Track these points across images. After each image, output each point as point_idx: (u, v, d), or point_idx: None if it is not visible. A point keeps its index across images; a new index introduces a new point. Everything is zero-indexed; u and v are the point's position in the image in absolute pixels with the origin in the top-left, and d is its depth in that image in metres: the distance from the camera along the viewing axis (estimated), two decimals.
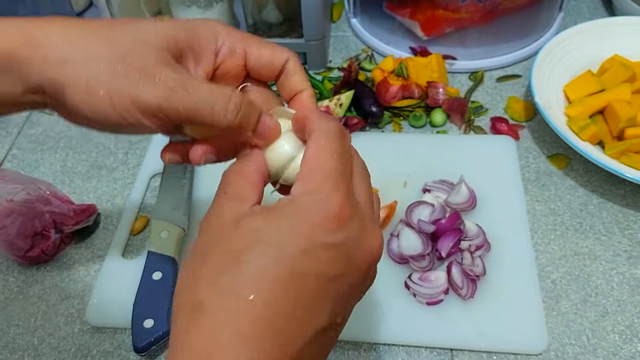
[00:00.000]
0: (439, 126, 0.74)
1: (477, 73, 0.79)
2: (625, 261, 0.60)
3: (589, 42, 0.75)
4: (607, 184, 0.66)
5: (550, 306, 0.57)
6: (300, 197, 0.31)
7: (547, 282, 0.59)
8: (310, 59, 0.82)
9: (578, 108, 0.68)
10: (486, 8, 0.77)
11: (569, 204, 0.65)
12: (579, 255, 0.61)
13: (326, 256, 0.30)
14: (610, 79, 0.70)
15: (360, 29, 0.87)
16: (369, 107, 0.72)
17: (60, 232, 0.62)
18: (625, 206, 0.64)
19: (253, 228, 0.30)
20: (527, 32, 0.82)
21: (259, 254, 0.29)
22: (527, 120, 0.74)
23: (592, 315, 0.56)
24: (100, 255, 0.64)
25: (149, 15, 0.82)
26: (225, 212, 0.32)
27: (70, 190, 0.70)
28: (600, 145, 0.68)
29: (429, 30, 0.80)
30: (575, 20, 0.87)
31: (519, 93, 0.77)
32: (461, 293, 0.55)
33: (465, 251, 0.57)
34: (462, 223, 0.58)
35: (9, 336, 0.58)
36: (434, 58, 0.76)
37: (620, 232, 0.62)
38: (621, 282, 0.58)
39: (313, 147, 0.33)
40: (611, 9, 0.89)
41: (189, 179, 0.66)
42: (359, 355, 0.55)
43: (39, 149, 0.75)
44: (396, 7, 0.82)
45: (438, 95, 0.73)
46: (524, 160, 0.69)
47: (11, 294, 0.61)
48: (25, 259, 0.61)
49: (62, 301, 0.60)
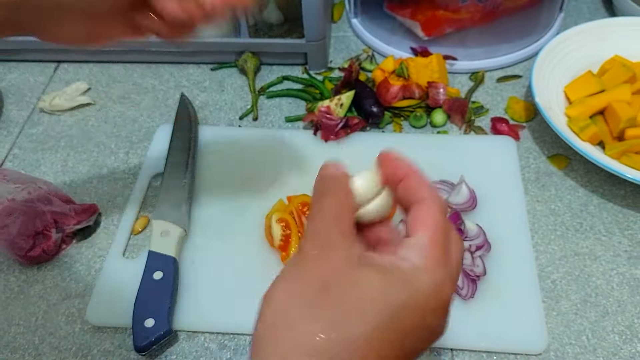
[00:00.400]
0: (440, 126, 0.74)
1: (477, 73, 0.79)
2: (626, 261, 0.60)
3: (589, 42, 0.75)
4: (607, 184, 0.66)
5: (550, 306, 0.57)
6: (419, 273, 0.31)
7: (547, 282, 0.59)
8: (311, 59, 0.82)
9: (578, 108, 0.68)
10: (487, 8, 0.77)
11: (569, 204, 0.65)
12: (579, 255, 0.61)
13: (423, 336, 0.32)
14: (611, 80, 0.70)
15: (361, 29, 0.87)
16: (369, 108, 0.73)
17: (61, 232, 0.63)
18: (625, 206, 0.64)
19: (371, 287, 0.31)
20: (528, 33, 0.82)
21: (376, 313, 0.30)
22: (528, 120, 0.74)
23: (592, 315, 0.56)
24: (101, 255, 0.64)
25: None
26: (339, 247, 0.33)
27: (71, 190, 0.70)
28: (600, 145, 0.68)
29: (430, 31, 0.80)
30: (575, 20, 0.87)
31: (519, 93, 0.77)
32: (461, 293, 0.56)
33: (465, 251, 0.57)
34: (462, 223, 0.58)
35: (9, 335, 0.58)
36: (434, 58, 0.76)
37: (621, 232, 0.62)
38: (621, 282, 0.58)
39: (430, 216, 0.33)
40: (612, 9, 0.89)
41: (189, 179, 0.66)
42: None
43: (40, 149, 0.75)
44: (397, 7, 0.82)
45: (438, 95, 0.73)
46: (524, 160, 0.69)
47: (12, 293, 0.61)
48: (26, 258, 0.61)
49: (62, 301, 0.60)
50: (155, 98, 0.81)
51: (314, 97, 0.78)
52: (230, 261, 0.61)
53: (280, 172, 0.68)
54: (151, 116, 0.78)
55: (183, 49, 0.83)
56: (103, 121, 0.78)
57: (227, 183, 0.67)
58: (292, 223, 0.60)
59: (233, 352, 0.55)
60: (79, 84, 0.82)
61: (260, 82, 0.82)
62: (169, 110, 0.79)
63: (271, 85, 0.81)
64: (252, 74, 0.81)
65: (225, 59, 0.84)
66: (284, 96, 0.80)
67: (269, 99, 0.80)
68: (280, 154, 0.71)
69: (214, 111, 0.78)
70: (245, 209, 0.65)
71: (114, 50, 0.84)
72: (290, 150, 0.71)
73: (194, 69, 0.85)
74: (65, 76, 0.85)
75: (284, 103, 0.79)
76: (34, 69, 0.87)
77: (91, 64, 0.87)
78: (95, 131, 0.77)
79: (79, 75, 0.85)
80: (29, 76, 0.86)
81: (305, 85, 0.81)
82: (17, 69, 0.87)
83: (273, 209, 0.63)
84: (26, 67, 0.87)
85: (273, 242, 0.60)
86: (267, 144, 0.72)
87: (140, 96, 0.82)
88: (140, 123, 0.78)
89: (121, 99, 0.81)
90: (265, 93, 0.80)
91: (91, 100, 0.81)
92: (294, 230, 0.60)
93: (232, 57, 0.83)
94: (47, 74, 0.86)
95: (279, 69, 0.84)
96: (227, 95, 0.81)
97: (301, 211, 0.61)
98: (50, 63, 0.87)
